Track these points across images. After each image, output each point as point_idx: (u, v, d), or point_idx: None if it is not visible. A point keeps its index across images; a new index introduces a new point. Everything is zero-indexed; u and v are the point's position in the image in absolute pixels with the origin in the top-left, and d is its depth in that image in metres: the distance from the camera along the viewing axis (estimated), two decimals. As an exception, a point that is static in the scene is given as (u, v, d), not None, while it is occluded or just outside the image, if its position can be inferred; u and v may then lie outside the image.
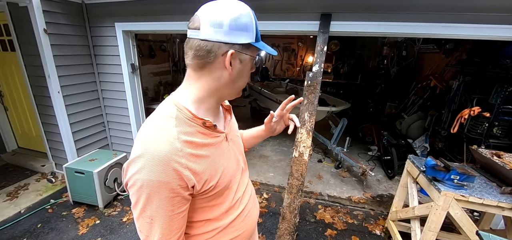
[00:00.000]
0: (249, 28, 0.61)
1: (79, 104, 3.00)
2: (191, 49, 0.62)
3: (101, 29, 2.94)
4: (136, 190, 0.58)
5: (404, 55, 5.33)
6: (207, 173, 0.65)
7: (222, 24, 0.59)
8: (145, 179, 0.56)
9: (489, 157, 1.89)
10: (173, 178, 0.58)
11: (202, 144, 0.65)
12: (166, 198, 0.58)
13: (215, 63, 0.62)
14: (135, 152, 0.58)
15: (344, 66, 7.61)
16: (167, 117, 0.62)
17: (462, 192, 1.64)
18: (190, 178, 0.60)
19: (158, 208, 0.58)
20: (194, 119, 0.64)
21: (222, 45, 0.60)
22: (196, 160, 0.62)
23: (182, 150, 0.59)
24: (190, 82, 0.67)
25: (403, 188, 2.26)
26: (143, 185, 0.56)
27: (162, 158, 0.56)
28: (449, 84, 3.57)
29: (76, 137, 3.02)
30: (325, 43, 2.29)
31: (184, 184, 0.60)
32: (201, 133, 0.65)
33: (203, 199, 0.68)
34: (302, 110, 2.19)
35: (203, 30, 0.59)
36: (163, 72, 4.78)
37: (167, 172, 0.57)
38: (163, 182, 0.57)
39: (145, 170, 0.56)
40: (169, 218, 0.60)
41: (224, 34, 0.59)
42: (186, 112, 0.63)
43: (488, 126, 2.59)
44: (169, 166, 0.57)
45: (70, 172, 2.54)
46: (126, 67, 3.02)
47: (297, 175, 2.11)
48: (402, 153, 3.30)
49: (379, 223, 2.56)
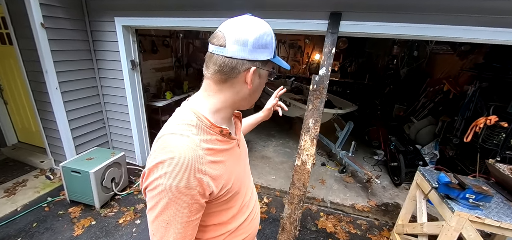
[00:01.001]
0: (269, 46, 0.65)
1: (78, 101, 2.94)
2: (215, 65, 0.65)
3: (101, 24, 2.85)
4: (156, 194, 0.59)
5: (415, 56, 5.12)
6: (224, 178, 0.68)
7: (247, 43, 0.62)
8: (168, 184, 0.57)
9: (508, 174, 1.75)
10: (194, 185, 0.60)
11: (220, 150, 0.68)
12: (185, 204, 0.60)
13: (237, 78, 0.66)
14: (158, 157, 0.59)
15: (351, 65, 7.39)
16: (188, 125, 0.64)
17: (477, 213, 1.51)
18: (209, 185, 0.63)
19: (176, 214, 0.60)
20: (212, 128, 0.68)
21: (246, 62, 0.64)
22: (215, 166, 0.65)
23: (203, 157, 0.62)
24: (209, 94, 0.69)
25: (411, 201, 2.14)
26: (165, 189, 0.58)
27: (187, 165, 0.58)
28: (463, 89, 3.38)
29: (74, 134, 2.97)
30: (334, 45, 2.15)
31: (202, 192, 0.62)
32: (219, 140, 0.69)
33: (216, 204, 0.71)
34: (307, 116, 2.07)
35: (229, 47, 0.62)
36: (166, 68, 4.68)
37: (190, 179, 0.59)
38: (185, 188, 0.58)
39: (170, 175, 0.57)
40: (184, 224, 0.62)
41: (248, 52, 0.63)
42: (205, 121, 0.67)
43: (506, 137, 2.43)
44: (192, 173, 0.59)
45: (66, 171, 2.49)
46: (126, 64, 2.94)
47: (299, 185, 2.00)
48: (410, 160, 3.16)
49: (384, 235, 2.45)
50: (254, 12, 0.69)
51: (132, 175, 3.16)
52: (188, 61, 5.33)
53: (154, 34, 4.25)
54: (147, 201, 0.62)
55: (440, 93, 3.92)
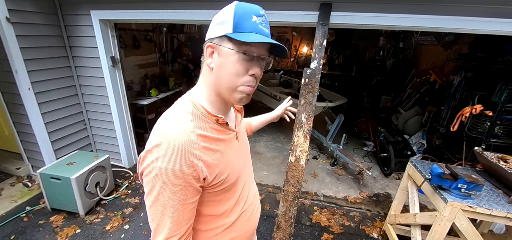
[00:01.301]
0: (226, 21, 0.62)
1: (55, 102, 2.74)
2: None
3: (76, 18, 2.64)
4: (152, 178, 0.60)
5: (401, 47, 5.19)
6: (219, 167, 0.68)
7: (211, 24, 0.66)
8: (162, 167, 0.59)
9: (496, 162, 1.79)
10: (187, 168, 0.60)
11: (215, 139, 0.68)
12: (179, 186, 0.61)
13: (205, 60, 0.68)
14: (153, 142, 0.61)
15: (339, 57, 7.43)
16: (184, 112, 0.66)
17: (469, 202, 1.53)
18: (202, 170, 0.63)
19: (171, 197, 0.61)
20: (208, 116, 0.69)
21: (207, 41, 0.66)
22: (209, 153, 0.65)
23: (197, 142, 0.63)
24: (200, 80, 0.73)
25: (403, 192, 2.16)
26: (159, 172, 0.59)
27: (179, 148, 0.59)
28: (449, 79, 3.46)
29: (53, 138, 2.78)
30: (325, 36, 2.10)
31: (196, 175, 0.62)
32: (214, 129, 0.69)
33: (212, 193, 0.71)
34: (299, 111, 2.02)
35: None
36: (150, 64, 4.47)
37: (183, 162, 0.60)
38: (178, 171, 0.59)
39: (163, 159, 0.59)
40: (180, 207, 0.63)
41: (208, 32, 0.66)
42: (201, 109, 0.68)
43: (490, 126, 2.50)
44: (185, 157, 0.60)
45: (45, 178, 2.31)
46: (106, 60, 2.75)
47: (293, 182, 1.96)
48: (399, 150, 3.21)
49: (376, 225, 2.48)
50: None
51: (118, 178, 3.01)
52: (173, 57, 5.12)
53: (135, 29, 4.02)
54: (144, 186, 0.63)
55: (427, 84, 4.01)
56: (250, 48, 0.62)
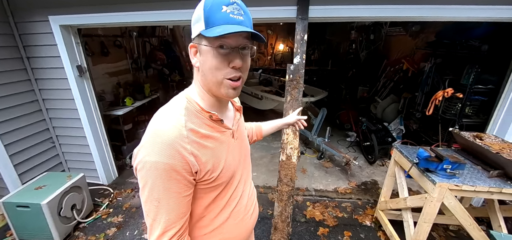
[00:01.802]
0: (199, 18, 0.62)
1: (14, 120, 2.44)
2: None
3: (32, 25, 2.37)
4: (145, 173, 0.61)
5: (372, 39, 5.43)
6: (210, 163, 0.67)
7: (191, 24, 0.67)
8: (154, 161, 0.59)
9: (472, 140, 1.90)
10: (179, 161, 0.60)
11: (207, 136, 0.68)
12: (172, 180, 0.61)
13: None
14: (145, 137, 0.62)
15: (314, 52, 7.60)
16: (178, 108, 0.67)
17: (455, 182, 1.61)
18: (194, 163, 0.63)
19: (165, 190, 0.61)
20: (202, 112, 0.69)
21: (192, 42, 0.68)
22: (200, 148, 0.65)
23: (188, 137, 0.63)
24: (193, 80, 0.74)
25: (391, 178, 2.23)
26: (151, 166, 0.59)
27: (170, 142, 0.60)
28: (420, 67, 3.67)
29: (15, 161, 2.47)
30: (305, 31, 2.10)
31: (188, 168, 0.62)
32: (208, 125, 0.70)
33: (204, 189, 0.70)
34: (286, 108, 2.00)
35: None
36: (121, 71, 4.18)
37: (174, 155, 0.60)
38: (170, 164, 0.60)
39: (154, 152, 0.59)
40: (175, 200, 0.63)
41: (192, 32, 0.66)
42: (195, 105, 0.69)
43: (461, 107, 2.69)
44: (175, 150, 0.60)
45: (10, 207, 2.04)
46: (72, 70, 2.50)
47: (287, 180, 1.93)
48: (381, 138, 3.34)
49: (368, 213, 2.54)
50: None
51: (97, 197, 2.76)
52: (146, 62, 4.86)
53: (102, 34, 3.73)
54: (139, 182, 0.64)
55: (400, 72, 4.22)
56: (225, 41, 0.61)
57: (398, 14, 2.02)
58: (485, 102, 2.60)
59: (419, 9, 1.98)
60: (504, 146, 1.79)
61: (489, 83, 2.52)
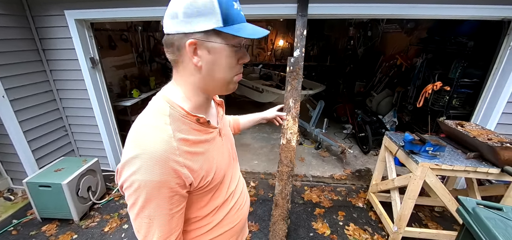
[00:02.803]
0: (207, 12, 0.54)
1: (32, 108, 2.61)
2: (164, 45, 0.61)
3: (48, 19, 2.53)
4: (133, 191, 0.56)
5: (369, 36, 5.61)
6: (204, 169, 0.65)
7: (177, 14, 0.56)
8: (143, 179, 0.54)
9: (454, 127, 2.10)
10: (171, 177, 0.57)
11: (197, 141, 0.64)
12: (165, 197, 0.57)
13: (184, 57, 0.60)
14: (129, 153, 0.55)
15: (313, 48, 7.76)
16: (161, 115, 0.60)
17: (435, 162, 1.81)
18: (187, 176, 0.60)
19: (157, 208, 0.57)
20: (188, 116, 0.63)
21: (182, 36, 0.57)
22: (192, 157, 0.61)
23: (178, 148, 0.58)
24: (175, 79, 0.66)
25: (382, 162, 2.43)
26: (140, 185, 0.55)
27: (160, 158, 0.55)
28: (413, 62, 3.86)
29: (33, 146, 2.65)
30: (305, 27, 2.27)
31: (182, 182, 0.59)
32: (196, 129, 0.65)
33: (198, 195, 0.68)
34: (287, 97, 2.18)
35: (165, 23, 0.58)
36: (128, 65, 4.34)
37: (165, 171, 0.56)
38: (162, 182, 0.55)
39: (142, 170, 0.54)
40: (168, 217, 0.60)
41: (180, 24, 0.56)
42: (179, 110, 0.62)
43: (449, 99, 2.89)
44: (167, 166, 0.55)
45: (33, 187, 2.22)
46: (85, 62, 2.67)
47: (287, 162, 2.12)
48: (375, 129, 3.54)
49: (361, 196, 2.75)
50: None
51: (108, 182, 2.95)
52: (150, 56, 5.02)
53: (110, 28, 3.88)
54: (126, 199, 0.59)
55: (394, 67, 4.42)
56: (241, 39, 0.60)
57: (393, 11, 2.19)
58: (471, 94, 2.80)
59: (413, 8, 2.16)
60: (482, 132, 1.99)
61: (474, 77, 2.72)
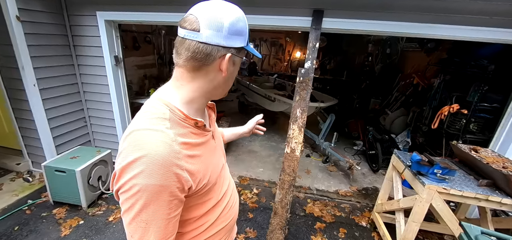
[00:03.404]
0: (243, 32, 0.63)
1: (58, 98, 2.83)
2: (188, 51, 0.60)
3: (81, 18, 2.76)
4: (132, 195, 0.55)
5: (388, 53, 5.51)
6: (201, 172, 0.66)
7: (222, 28, 0.59)
8: (144, 183, 0.54)
9: (468, 152, 2.01)
10: (173, 182, 0.57)
11: (196, 144, 0.66)
12: (164, 201, 0.57)
13: (212, 66, 0.63)
14: (130, 156, 0.55)
15: (330, 62, 7.74)
16: (161, 119, 0.60)
17: (444, 185, 1.73)
18: (187, 180, 0.60)
19: (155, 212, 0.57)
20: (187, 120, 0.64)
21: (221, 48, 0.61)
22: (192, 160, 0.63)
23: (180, 152, 0.59)
24: (182, 83, 0.65)
25: (389, 182, 2.36)
26: (141, 189, 0.54)
27: (163, 162, 0.55)
28: (430, 82, 3.74)
29: (54, 133, 2.85)
30: (317, 40, 2.31)
31: (181, 187, 0.60)
32: (194, 133, 0.66)
33: (195, 197, 0.69)
34: (294, 107, 2.20)
35: (203, 32, 0.58)
36: (148, 65, 4.60)
37: (168, 176, 0.56)
38: (164, 186, 0.55)
39: (145, 174, 0.54)
40: (165, 222, 0.59)
41: (223, 38, 0.60)
42: (179, 113, 0.63)
43: (466, 123, 2.76)
44: (169, 170, 0.56)
45: (49, 171, 2.39)
46: (109, 59, 2.87)
47: (289, 171, 2.13)
48: (386, 148, 3.44)
49: (365, 215, 2.66)
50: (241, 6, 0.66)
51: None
52: (170, 58, 5.26)
53: (135, 30, 4.16)
54: (121, 204, 0.58)
55: (411, 87, 4.29)
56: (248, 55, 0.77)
57: (412, 30, 2.14)
58: (490, 120, 2.66)
59: (434, 28, 2.09)
60: (498, 160, 1.89)
61: (494, 102, 2.59)
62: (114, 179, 0.58)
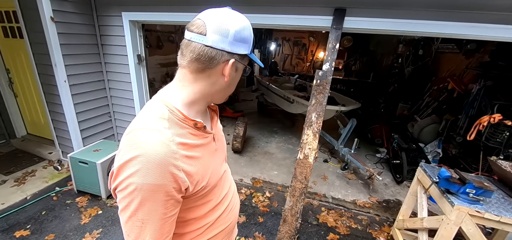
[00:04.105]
0: (248, 41, 0.66)
1: (86, 94, 3.01)
2: (193, 53, 0.62)
3: (108, 18, 2.91)
4: (128, 194, 0.56)
5: (420, 55, 5.09)
6: (199, 174, 0.66)
7: (228, 34, 0.61)
8: (140, 182, 0.55)
9: (509, 170, 1.75)
10: (169, 181, 0.57)
11: (194, 145, 0.66)
12: (160, 201, 0.57)
13: (215, 69, 0.64)
14: (127, 154, 0.56)
15: (356, 63, 7.38)
16: (159, 119, 0.61)
17: (477, 208, 1.53)
18: (184, 181, 0.61)
19: (151, 212, 0.57)
20: (186, 121, 0.65)
21: (225, 53, 0.63)
22: (189, 161, 0.63)
23: (177, 152, 0.59)
24: (184, 84, 0.67)
25: (412, 196, 2.16)
26: (137, 188, 0.55)
27: (159, 161, 0.55)
28: (468, 88, 3.36)
29: (82, 126, 3.05)
30: (338, 40, 2.17)
31: (178, 187, 0.60)
32: (192, 134, 0.67)
33: (194, 199, 0.69)
34: (310, 111, 2.10)
35: (209, 36, 0.60)
36: (171, 63, 4.74)
37: (164, 175, 0.56)
38: (159, 185, 0.56)
39: (141, 173, 0.54)
40: (161, 221, 0.60)
41: (228, 44, 0.62)
42: (178, 114, 0.64)
43: (509, 135, 2.42)
44: (166, 169, 0.56)
45: (74, 161, 2.56)
46: (133, 58, 2.99)
47: (301, 178, 2.03)
48: (413, 158, 3.16)
49: (384, 230, 2.47)
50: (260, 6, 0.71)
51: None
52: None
53: (159, 30, 4.31)
54: (118, 202, 0.59)
55: (444, 92, 3.90)
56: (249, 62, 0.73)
57: (448, 30, 1.90)
58: (541, 134, 2.30)
59: (475, 27, 1.82)
60: (548, 182, 1.62)
61: (548, 114, 2.23)
62: (112, 177, 0.60)
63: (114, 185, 0.59)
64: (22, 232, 2.15)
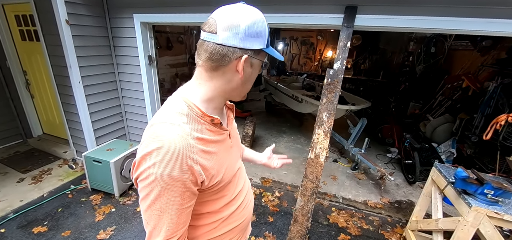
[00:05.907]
0: (262, 35, 0.64)
1: (99, 94, 3.08)
2: (206, 52, 0.64)
3: (120, 20, 2.97)
4: (149, 183, 0.59)
5: (432, 52, 4.96)
6: (215, 169, 0.69)
7: (238, 30, 0.61)
8: (160, 173, 0.58)
9: (530, 171, 1.69)
10: (186, 173, 0.60)
11: (211, 141, 0.68)
12: (177, 192, 0.61)
13: (228, 67, 0.65)
14: (148, 147, 0.59)
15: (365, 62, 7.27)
16: (179, 114, 0.64)
17: (496, 209, 1.48)
18: (200, 174, 0.63)
19: (169, 202, 0.61)
20: (204, 117, 0.67)
21: (237, 50, 0.63)
22: (206, 156, 0.65)
23: (194, 146, 0.62)
24: (200, 82, 0.69)
25: (426, 197, 2.11)
26: (156, 178, 0.58)
27: (177, 154, 0.58)
28: (484, 86, 3.26)
29: (95, 126, 3.12)
30: (349, 39, 2.14)
31: (194, 180, 0.63)
32: (209, 130, 0.69)
33: (209, 193, 0.72)
34: (321, 110, 2.08)
35: (219, 34, 0.61)
36: (180, 64, 4.80)
37: (181, 168, 0.59)
38: (177, 177, 0.59)
39: (161, 164, 0.58)
40: (178, 212, 0.63)
41: (239, 40, 0.62)
42: (196, 110, 0.66)
43: (529, 135, 2.34)
44: (183, 162, 0.59)
45: (88, 160, 2.62)
46: (144, 59, 3.04)
47: (312, 178, 2.02)
48: (425, 158, 3.09)
49: (396, 231, 2.42)
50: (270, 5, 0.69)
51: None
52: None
53: (169, 31, 4.37)
54: (139, 191, 0.63)
55: (459, 90, 3.80)
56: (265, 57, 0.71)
57: (461, 27, 1.85)
58: None
59: (490, 23, 1.75)
60: None
61: None
62: (134, 167, 0.63)
63: (136, 175, 0.62)
64: (39, 228, 2.22)
